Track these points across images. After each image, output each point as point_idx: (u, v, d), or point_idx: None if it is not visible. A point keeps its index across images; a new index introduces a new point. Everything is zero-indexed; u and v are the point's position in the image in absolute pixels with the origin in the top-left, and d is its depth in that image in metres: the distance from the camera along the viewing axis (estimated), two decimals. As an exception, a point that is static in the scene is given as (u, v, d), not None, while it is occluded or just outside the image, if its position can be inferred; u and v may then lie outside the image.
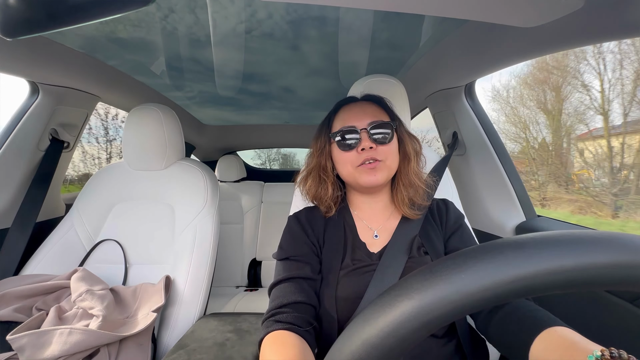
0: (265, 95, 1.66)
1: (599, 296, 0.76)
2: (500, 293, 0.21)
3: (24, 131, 1.10)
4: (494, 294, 0.21)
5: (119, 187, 1.13)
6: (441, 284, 0.22)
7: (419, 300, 0.22)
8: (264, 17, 0.91)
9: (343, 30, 0.99)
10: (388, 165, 0.63)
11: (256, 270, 2.06)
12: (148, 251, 1.05)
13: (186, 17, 0.90)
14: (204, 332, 0.85)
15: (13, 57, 0.92)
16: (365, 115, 0.64)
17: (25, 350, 0.68)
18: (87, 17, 0.42)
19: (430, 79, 1.24)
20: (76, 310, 0.82)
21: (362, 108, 0.66)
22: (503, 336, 0.49)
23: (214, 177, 1.16)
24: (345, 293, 0.58)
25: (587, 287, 0.22)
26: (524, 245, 0.23)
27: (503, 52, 0.88)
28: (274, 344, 0.48)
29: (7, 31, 0.44)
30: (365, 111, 0.65)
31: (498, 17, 0.63)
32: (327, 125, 0.70)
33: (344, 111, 0.68)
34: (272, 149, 3.19)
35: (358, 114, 0.65)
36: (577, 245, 0.22)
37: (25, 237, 1.05)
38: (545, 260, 0.22)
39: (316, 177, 0.69)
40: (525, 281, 0.21)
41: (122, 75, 1.29)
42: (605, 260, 0.21)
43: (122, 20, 0.91)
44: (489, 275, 0.22)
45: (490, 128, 1.20)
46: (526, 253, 0.22)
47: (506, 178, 1.15)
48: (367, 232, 0.67)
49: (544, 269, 0.21)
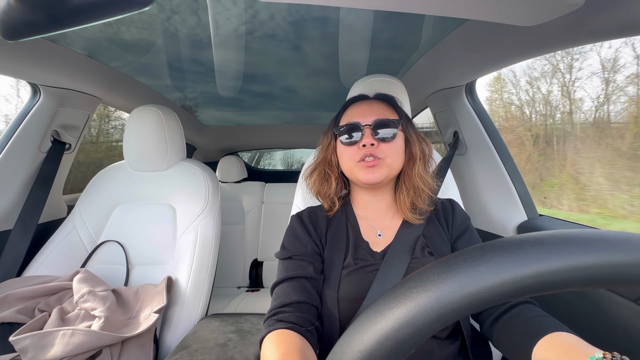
0: (267, 96, 1.67)
1: (602, 296, 0.76)
2: (520, 288, 0.21)
3: (25, 133, 1.11)
4: (512, 288, 0.21)
5: (120, 188, 1.13)
6: (459, 277, 0.22)
7: (435, 292, 0.22)
8: (266, 18, 0.91)
9: (344, 30, 0.99)
10: (388, 163, 0.62)
11: (258, 271, 2.06)
12: (150, 252, 1.05)
13: (189, 19, 0.91)
14: (206, 333, 0.85)
15: (14, 59, 0.92)
16: (371, 112, 0.65)
17: (28, 352, 0.68)
18: (88, 19, 0.42)
19: (431, 78, 1.24)
20: (78, 312, 0.82)
21: (370, 106, 0.66)
22: (507, 339, 0.49)
23: (215, 177, 1.16)
24: (348, 293, 0.58)
25: (605, 284, 0.22)
26: (543, 241, 0.23)
27: (503, 51, 0.88)
28: (275, 342, 0.48)
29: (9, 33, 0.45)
30: (372, 109, 0.65)
31: (498, 16, 0.63)
32: (335, 121, 0.71)
33: (353, 108, 0.68)
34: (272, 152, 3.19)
35: (365, 111, 0.65)
36: (597, 242, 0.22)
37: (27, 238, 1.05)
38: (565, 256, 0.21)
39: (322, 171, 0.70)
40: (545, 277, 0.21)
41: (122, 76, 1.29)
42: (624, 259, 0.21)
43: (126, 22, 0.91)
44: (509, 269, 0.22)
45: (491, 127, 1.20)
46: (546, 249, 0.22)
47: (507, 177, 1.14)
48: (371, 231, 0.67)
49: (564, 265, 0.21)
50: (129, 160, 1.14)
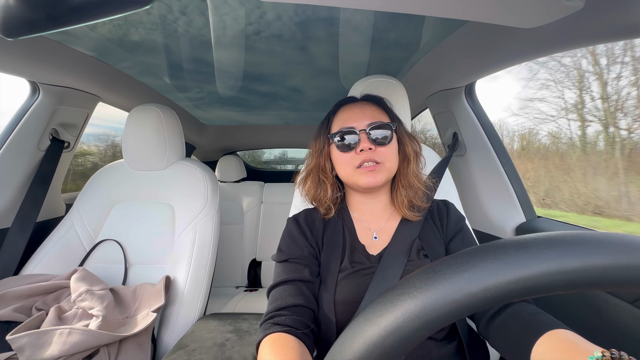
0: (273, 96, 1.67)
1: (599, 298, 0.76)
2: (503, 293, 0.21)
3: (24, 131, 1.11)
4: (496, 294, 0.21)
5: (119, 187, 1.13)
6: (444, 284, 0.22)
7: (421, 299, 0.22)
8: (273, 19, 0.91)
9: (345, 30, 0.99)
10: (387, 167, 0.63)
11: (256, 271, 2.06)
12: (148, 251, 1.05)
13: (196, 20, 0.91)
14: (204, 333, 0.85)
15: (14, 57, 0.92)
16: (364, 116, 0.64)
17: (24, 350, 0.68)
18: (87, 18, 0.42)
19: (431, 79, 1.24)
20: (76, 311, 0.82)
21: (362, 109, 0.66)
22: (505, 339, 0.49)
23: (214, 177, 1.16)
24: (344, 296, 0.58)
25: (590, 287, 0.22)
26: (527, 245, 0.23)
27: (503, 53, 0.88)
28: (272, 346, 0.48)
29: (8, 31, 0.44)
30: (365, 112, 0.65)
31: (498, 18, 0.63)
32: (326, 125, 0.69)
33: (343, 112, 0.67)
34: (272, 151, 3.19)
35: (357, 115, 0.64)
36: (580, 245, 0.22)
37: (25, 237, 1.05)
38: (548, 260, 0.21)
39: (315, 178, 0.69)
40: (528, 281, 0.21)
41: (122, 75, 1.29)
42: (608, 261, 0.21)
43: (133, 22, 0.91)
44: (492, 275, 0.22)
45: (490, 129, 1.20)
46: (530, 253, 0.22)
47: (506, 179, 1.14)
48: (367, 234, 0.67)
49: (547, 270, 0.21)
50: (127, 159, 1.14)
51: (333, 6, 0.56)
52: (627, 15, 0.59)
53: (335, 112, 0.69)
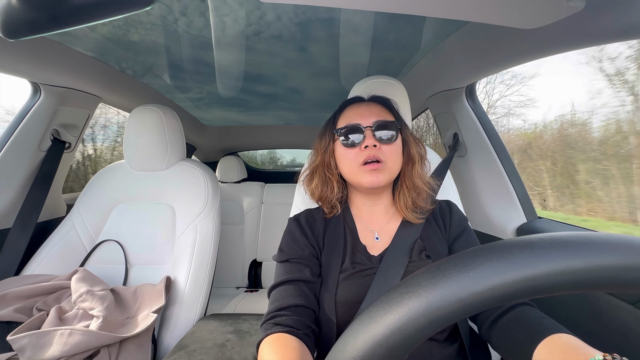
0: (273, 96, 1.67)
1: (600, 299, 0.76)
2: (509, 292, 0.21)
3: (25, 131, 1.11)
4: (502, 293, 0.21)
5: (120, 188, 1.13)
6: (449, 282, 0.22)
7: (426, 297, 0.22)
8: (273, 20, 0.91)
9: (345, 31, 0.99)
10: (390, 167, 0.63)
11: (257, 271, 2.06)
12: (149, 252, 1.05)
13: (197, 21, 0.91)
14: (204, 333, 0.85)
15: (15, 57, 0.92)
16: (371, 114, 0.64)
17: (25, 351, 0.68)
18: (89, 19, 0.42)
19: (431, 80, 1.24)
20: (76, 311, 0.82)
21: (369, 107, 0.66)
22: (507, 341, 0.49)
23: (214, 177, 1.16)
24: (345, 297, 0.58)
25: (596, 288, 0.22)
26: (533, 245, 0.22)
27: (504, 54, 0.88)
28: (273, 346, 0.48)
29: (10, 32, 0.44)
30: (371, 110, 0.65)
31: (499, 19, 0.63)
32: (332, 123, 0.70)
33: (350, 110, 0.68)
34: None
35: (364, 113, 0.65)
36: (586, 246, 0.22)
37: (26, 237, 1.05)
38: (554, 260, 0.21)
39: (322, 175, 0.69)
40: (533, 281, 0.21)
41: (123, 76, 1.29)
42: (614, 262, 0.21)
43: (134, 23, 0.92)
44: (498, 274, 0.22)
45: (491, 129, 1.20)
46: (535, 253, 0.22)
47: (507, 179, 1.14)
48: (368, 234, 0.67)
49: (553, 269, 0.21)
50: (128, 160, 1.14)
51: (333, 7, 0.56)
52: (628, 16, 0.59)
53: (342, 110, 0.69)
